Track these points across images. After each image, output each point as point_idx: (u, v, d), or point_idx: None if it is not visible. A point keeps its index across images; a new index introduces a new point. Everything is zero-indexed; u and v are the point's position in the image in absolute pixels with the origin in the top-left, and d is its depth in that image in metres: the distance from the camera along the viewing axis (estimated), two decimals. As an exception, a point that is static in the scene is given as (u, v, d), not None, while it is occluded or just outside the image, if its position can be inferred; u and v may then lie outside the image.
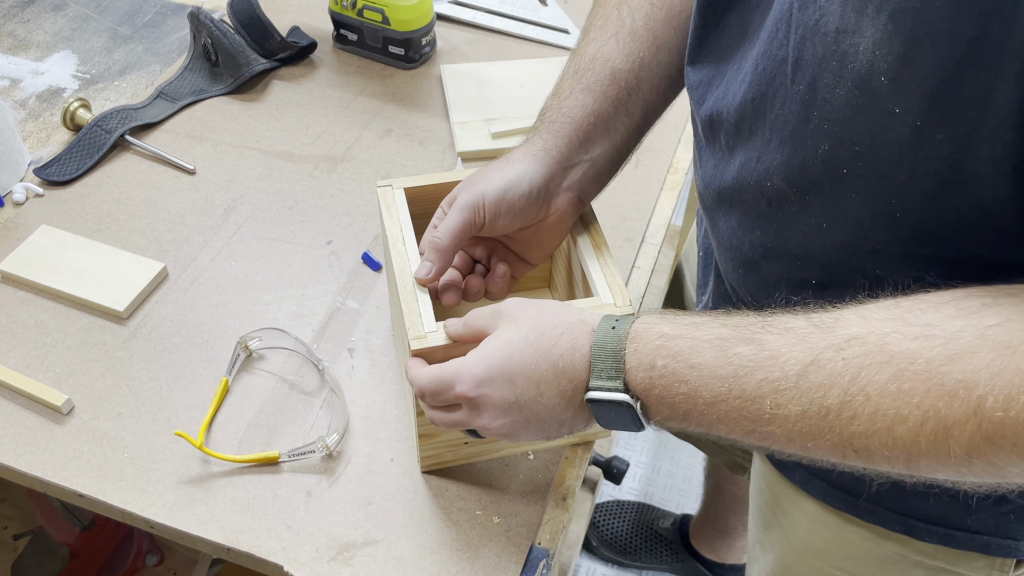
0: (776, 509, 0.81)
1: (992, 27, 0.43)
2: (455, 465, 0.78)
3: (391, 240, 0.73)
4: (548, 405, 0.59)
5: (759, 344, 0.50)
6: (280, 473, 0.78)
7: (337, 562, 0.72)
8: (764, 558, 0.86)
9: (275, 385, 0.84)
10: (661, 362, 0.54)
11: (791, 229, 0.59)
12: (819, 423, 0.48)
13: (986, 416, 0.43)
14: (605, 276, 0.71)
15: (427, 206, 0.78)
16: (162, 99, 1.13)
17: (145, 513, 0.74)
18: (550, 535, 0.75)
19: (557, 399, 0.58)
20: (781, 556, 0.83)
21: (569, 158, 0.71)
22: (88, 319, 0.89)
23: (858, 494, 0.70)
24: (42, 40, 1.24)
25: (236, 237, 0.97)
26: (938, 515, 0.67)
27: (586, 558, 1.69)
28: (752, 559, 0.92)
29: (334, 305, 0.91)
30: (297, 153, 1.08)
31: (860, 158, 0.51)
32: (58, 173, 1.02)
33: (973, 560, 0.69)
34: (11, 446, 0.78)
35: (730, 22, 0.63)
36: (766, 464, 0.80)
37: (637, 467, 1.83)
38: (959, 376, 0.43)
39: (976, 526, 0.67)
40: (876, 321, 0.47)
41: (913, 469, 0.47)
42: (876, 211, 0.52)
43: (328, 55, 1.23)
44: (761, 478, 0.83)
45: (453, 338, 0.65)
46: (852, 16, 0.48)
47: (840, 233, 0.55)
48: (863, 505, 0.70)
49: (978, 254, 0.51)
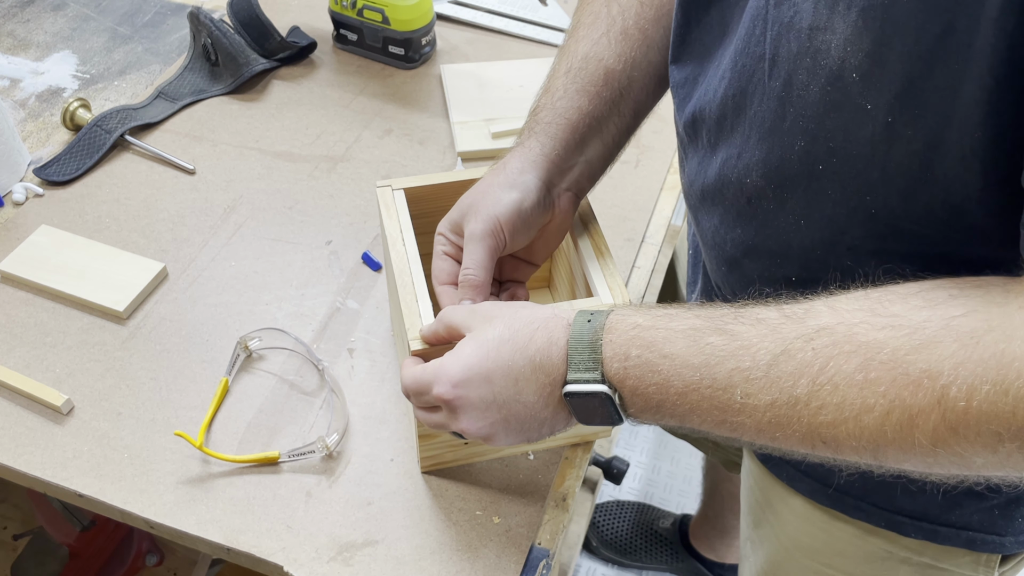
0: (765, 507, 0.81)
1: (959, 24, 0.43)
2: (455, 465, 0.78)
3: (391, 240, 0.73)
4: (527, 403, 0.58)
5: (731, 334, 0.50)
6: (280, 473, 0.78)
7: (337, 562, 0.72)
8: (755, 556, 0.87)
9: (275, 385, 0.84)
10: (635, 352, 0.53)
11: (770, 227, 0.59)
12: (788, 412, 0.48)
13: (949, 406, 0.43)
14: (605, 277, 0.71)
15: (427, 206, 0.78)
16: (162, 99, 1.13)
17: (145, 513, 0.74)
18: (550, 535, 0.75)
19: (536, 396, 0.58)
20: (771, 554, 0.83)
21: (566, 160, 0.71)
22: (88, 319, 0.89)
23: (845, 491, 0.70)
24: (42, 40, 1.24)
25: (236, 237, 0.97)
26: (922, 511, 0.67)
27: (586, 558, 1.69)
28: (744, 557, 0.92)
29: (334, 305, 0.91)
30: (297, 153, 1.08)
31: (834, 154, 0.51)
32: (58, 173, 1.02)
33: (959, 556, 0.69)
34: (11, 446, 0.78)
35: (711, 19, 0.63)
36: (755, 462, 0.80)
37: (637, 467, 1.83)
38: (923, 366, 0.43)
39: (960, 522, 0.67)
40: (845, 312, 0.47)
41: (880, 459, 0.47)
42: (852, 208, 0.53)
43: (328, 55, 1.23)
44: (750, 476, 0.83)
45: (428, 341, 0.65)
46: (824, 13, 0.48)
47: (817, 230, 0.55)
48: (850, 502, 0.71)
49: (951, 251, 0.51)
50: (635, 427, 1.89)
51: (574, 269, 0.79)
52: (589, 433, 0.81)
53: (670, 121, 1.13)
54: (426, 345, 0.65)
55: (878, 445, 0.46)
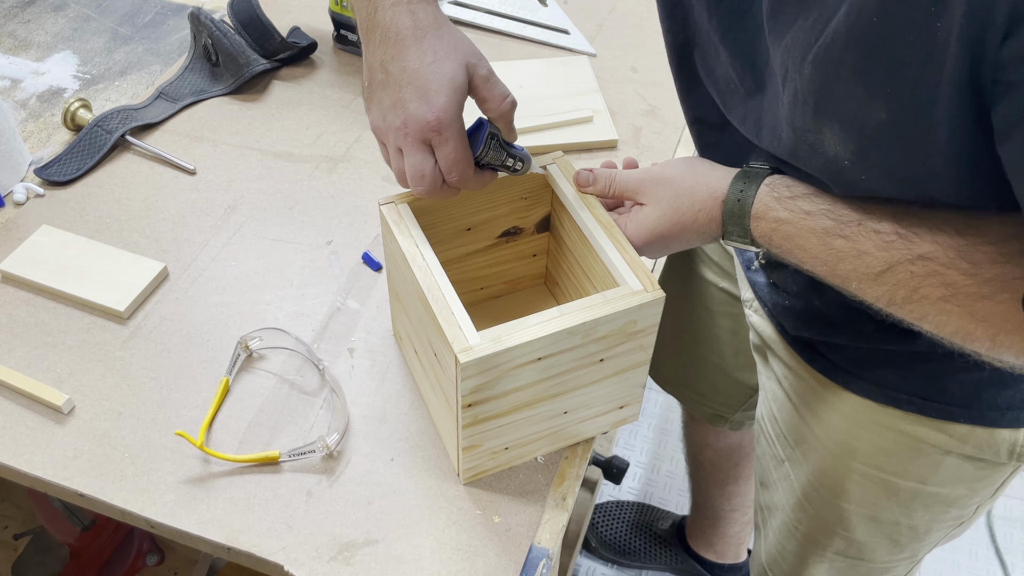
0: (810, 419, 0.86)
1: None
2: (495, 472, 0.78)
3: (409, 258, 0.71)
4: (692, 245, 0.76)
5: (853, 241, 0.62)
6: (280, 473, 0.78)
7: (337, 562, 0.72)
8: (796, 474, 0.91)
9: (275, 385, 0.84)
10: (777, 240, 0.67)
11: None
12: (887, 304, 0.63)
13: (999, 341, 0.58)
14: (628, 263, 0.71)
15: (433, 218, 0.77)
16: (162, 99, 1.14)
17: (145, 513, 0.75)
18: (550, 535, 0.75)
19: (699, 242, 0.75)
20: (817, 464, 0.87)
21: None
22: (88, 319, 0.89)
23: (897, 388, 0.77)
24: (43, 40, 1.24)
25: (236, 237, 0.97)
26: (973, 395, 0.75)
27: (586, 558, 1.69)
28: (773, 484, 0.96)
29: (334, 305, 0.91)
30: (297, 153, 1.08)
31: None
32: (59, 173, 1.03)
33: (999, 445, 0.77)
34: (11, 446, 0.79)
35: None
36: (799, 376, 0.86)
37: (637, 467, 1.83)
38: (984, 314, 0.57)
39: (1005, 402, 0.75)
40: (942, 247, 0.58)
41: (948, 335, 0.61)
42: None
43: (328, 55, 1.23)
44: (789, 397, 0.88)
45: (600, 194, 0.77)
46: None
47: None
48: (903, 397, 0.77)
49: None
50: (635, 427, 1.89)
51: (582, 261, 0.78)
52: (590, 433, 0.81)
53: (670, 122, 1.14)
54: (483, 355, 0.65)
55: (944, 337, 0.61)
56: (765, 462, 0.97)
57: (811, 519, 0.91)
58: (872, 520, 0.86)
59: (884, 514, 0.85)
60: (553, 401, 0.73)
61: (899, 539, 0.88)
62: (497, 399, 0.69)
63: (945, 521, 0.85)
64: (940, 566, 1.70)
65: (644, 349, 0.74)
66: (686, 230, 0.72)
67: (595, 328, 0.68)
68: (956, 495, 0.82)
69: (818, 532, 0.92)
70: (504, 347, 0.65)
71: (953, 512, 0.84)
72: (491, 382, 0.67)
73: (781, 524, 0.97)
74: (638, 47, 1.27)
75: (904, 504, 0.83)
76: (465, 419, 0.69)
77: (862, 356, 0.79)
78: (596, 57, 1.25)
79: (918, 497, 0.82)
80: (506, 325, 0.67)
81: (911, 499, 0.83)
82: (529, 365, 0.68)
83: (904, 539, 0.87)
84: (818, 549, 0.93)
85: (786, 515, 0.95)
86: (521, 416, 0.73)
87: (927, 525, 0.85)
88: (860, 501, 0.85)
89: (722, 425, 1.24)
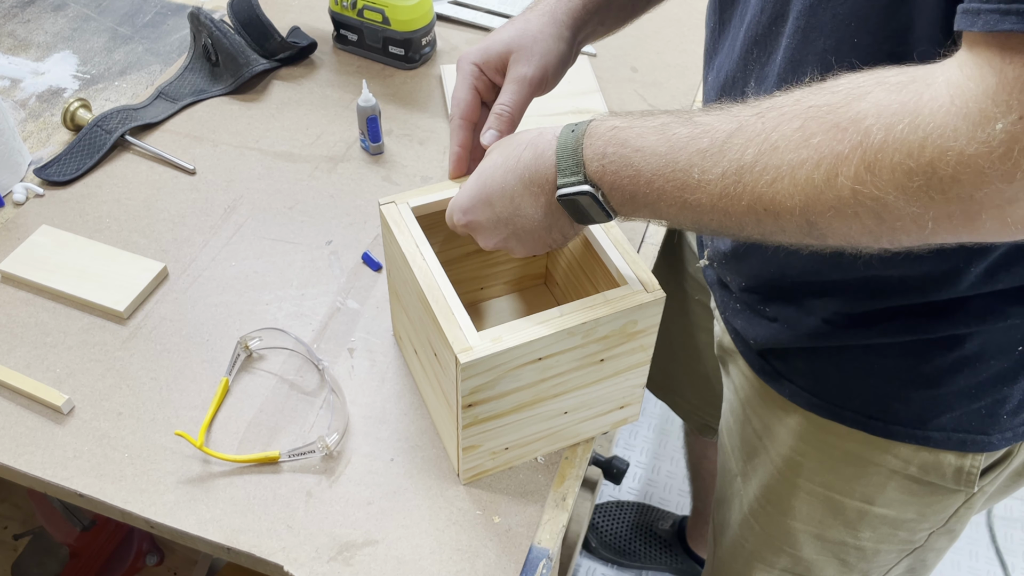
0: (762, 433, 0.83)
1: None
2: (495, 472, 0.78)
3: (409, 258, 0.71)
4: (527, 215, 0.66)
5: (695, 123, 0.55)
6: (280, 473, 0.78)
7: (337, 562, 0.72)
8: (747, 489, 0.89)
9: (275, 385, 0.84)
10: (611, 149, 0.59)
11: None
12: (736, 181, 0.53)
13: (868, 144, 0.47)
14: (628, 263, 0.71)
15: (431, 221, 0.77)
16: (162, 99, 1.14)
17: (145, 513, 0.75)
18: (550, 535, 0.75)
19: (533, 208, 0.65)
20: (765, 481, 0.85)
21: (585, 19, 0.79)
22: (88, 319, 0.89)
23: (843, 404, 0.74)
24: (42, 40, 1.24)
25: (236, 237, 0.97)
26: (917, 416, 0.72)
27: (586, 558, 1.69)
28: (729, 499, 0.94)
29: (334, 305, 0.91)
30: (297, 153, 1.08)
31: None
32: (58, 173, 1.02)
33: (944, 467, 0.73)
34: (11, 446, 0.79)
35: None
36: (752, 387, 0.82)
37: (637, 467, 1.83)
38: (852, 114, 0.48)
39: (951, 424, 0.71)
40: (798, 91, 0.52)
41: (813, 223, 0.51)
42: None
43: (328, 55, 1.23)
44: (744, 409, 0.85)
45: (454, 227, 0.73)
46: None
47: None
48: (848, 414, 0.74)
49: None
50: (635, 427, 1.89)
51: (584, 261, 0.78)
52: (589, 433, 0.81)
53: (670, 121, 1.14)
54: (483, 355, 0.65)
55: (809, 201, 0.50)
56: (722, 478, 0.95)
57: (757, 536, 0.89)
58: (818, 539, 0.84)
59: (830, 533, 0.83)
60: (553, 401, 0.73)
61: (847, 559, 0.85)
62: (497, 399, 0.69)
63: (894, 543, 0.82)
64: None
65: (644, 349, 0.74)
66: (509, 173, 0.65)
67: (595, 328, 0.68)
68: (904, 518, 0.79)
69: (765, 549, 0.90)
70: (504, 347, 0.65)
71: (902, 535, 0.81)
72: (491, 382, 0.67)
73: (730, 542, 0.95)
74: (638, 47, 1.26)
75: (850, 524, 0.81)
76: (465, 419, 0.69)
77: (809, 369, 0.76)
78: (596, 57, 1.25)
79: (864, 517, 0.80)
80: (506, 325, 0.67)
81: (857, 519, 0.80)
82: (529, 365, 0.68)
83: (852, 559, 0.85)
84: (764, 567, 0.91)
85: (734, 532, 0.93)
86: (521, 416, 0.73)
87: (875, 546, 0.83)
88: (806, 519, 0.83)
89: (711, 436, 1.23)
